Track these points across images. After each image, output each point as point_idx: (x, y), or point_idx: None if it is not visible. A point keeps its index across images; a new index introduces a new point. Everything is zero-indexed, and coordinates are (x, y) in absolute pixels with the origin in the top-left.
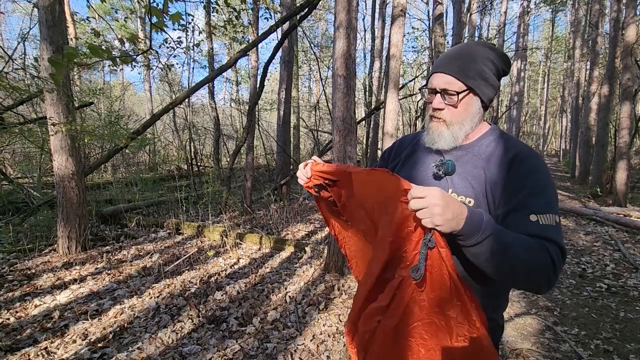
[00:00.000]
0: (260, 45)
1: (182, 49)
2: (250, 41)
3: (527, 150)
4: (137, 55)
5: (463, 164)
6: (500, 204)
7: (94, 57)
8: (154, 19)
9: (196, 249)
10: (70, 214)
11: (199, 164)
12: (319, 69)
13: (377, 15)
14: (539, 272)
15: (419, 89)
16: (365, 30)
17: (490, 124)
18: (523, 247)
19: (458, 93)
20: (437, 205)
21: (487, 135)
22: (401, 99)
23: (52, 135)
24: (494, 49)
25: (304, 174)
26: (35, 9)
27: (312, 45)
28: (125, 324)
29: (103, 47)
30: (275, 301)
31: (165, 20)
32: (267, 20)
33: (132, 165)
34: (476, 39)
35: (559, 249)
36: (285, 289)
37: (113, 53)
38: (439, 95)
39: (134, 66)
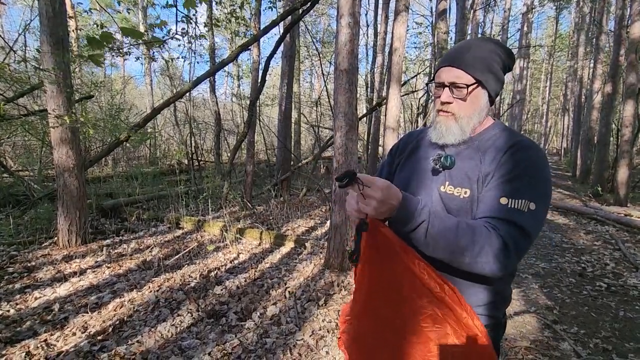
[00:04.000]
0: (262, 39)
1: (185, 41)
2: (252, 35)
3: (526, 140)
4: (165, 40)
5: (463, 158)
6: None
7: (132, 38)
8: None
9: (196, 244)
10: (70, 207)
11: (199, 158)
12: (321, 64)
13: (379, 10)
14: (485, 255)
15: (425, 84)
16: (367, 26)
17: (493, 119)
18: (465, 231)
19: (467, 86)
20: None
21: (489, 130)
22: (403, 96)
23: (56, 127)
24: (500, 44)
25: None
26: (36, 1)
27: (315, 40)
28: (125, 318)
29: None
30: (275, 296)
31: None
32: (271, 10)
33: (133, 159)
34: (479, 35)
35: (519, 233)
36: (285, 284)
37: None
38: (447, 89)
39: (153, 55)
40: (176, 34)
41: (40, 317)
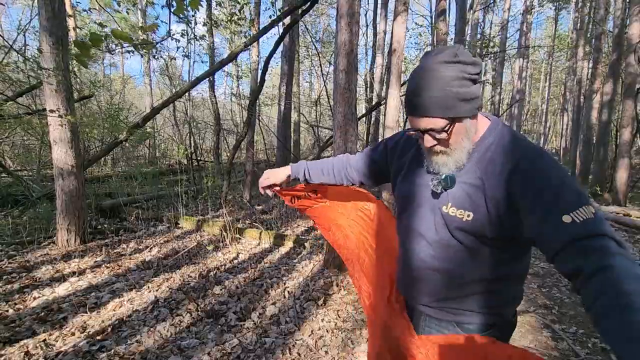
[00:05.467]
0: (261, 39)
1: (184, 42)
2: (252, 35)
3: (529, 151)
4: (157, 43)
5: (462, 174)
6: (521, 217)
7: (122, 42)
8: (174, 6)
9: (195, 243)
10: (69, 207)
11: (198, 158)
12: (321, 64)
13: (379, 10)
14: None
15: (405, 131)
16: (367, 26)
17: (489, 119)
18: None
19: (444, 129)
20: None
21: (486, 137)
22: (402, 96)
23: (58, 128)
24: (459, 60)
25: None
26: (36, 0)
27: (314, 40)
28: (124, 317)
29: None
30: (274, 296)
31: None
32: (270, 16)
33: (132, 159)
34: (479, 36)
35: (615, 242)
36: (284, 284)
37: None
38: (426, 135)
39: (154, 54)
40: (174, 35)
41: (39, 317)
